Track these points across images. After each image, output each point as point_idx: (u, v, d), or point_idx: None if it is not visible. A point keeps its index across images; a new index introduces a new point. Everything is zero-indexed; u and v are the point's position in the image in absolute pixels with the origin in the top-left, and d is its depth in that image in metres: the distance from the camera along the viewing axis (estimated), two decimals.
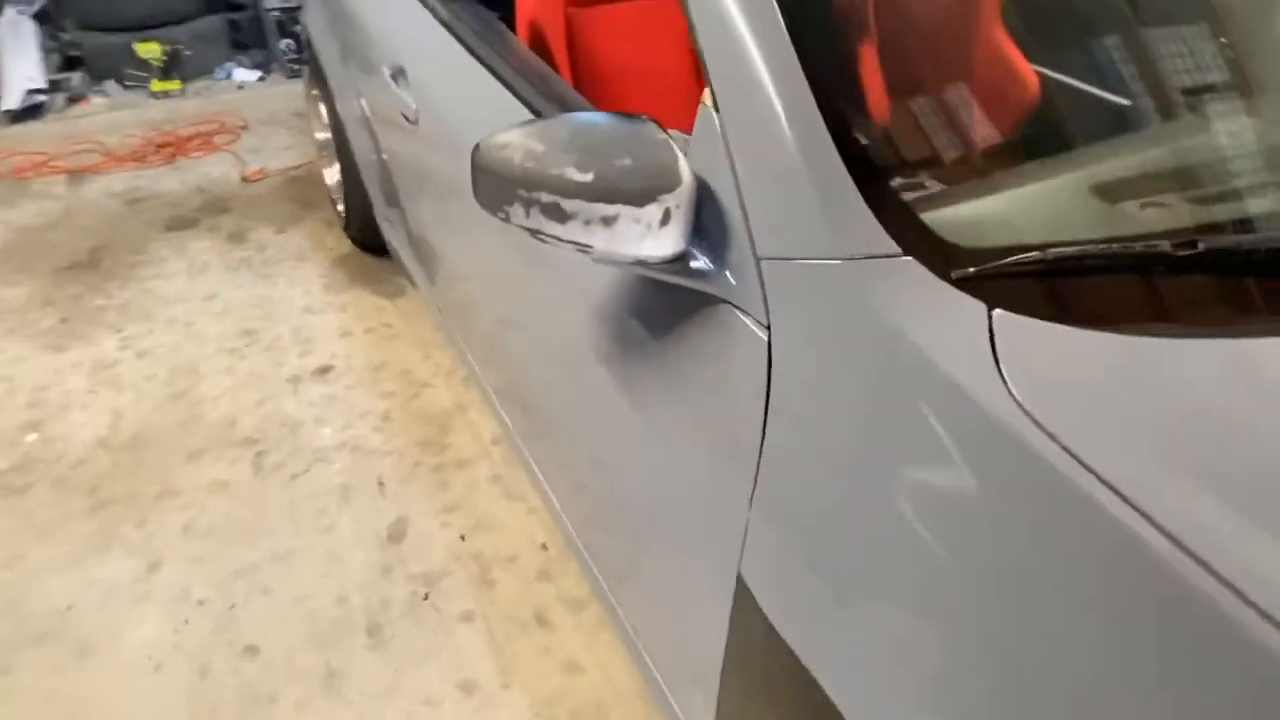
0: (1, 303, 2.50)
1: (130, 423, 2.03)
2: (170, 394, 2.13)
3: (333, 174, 2.71)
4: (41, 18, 3.65)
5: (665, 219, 0.77)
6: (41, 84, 3.49)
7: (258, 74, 3.90)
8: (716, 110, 0.84)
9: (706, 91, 0.86)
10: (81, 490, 1.84)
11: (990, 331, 0.66)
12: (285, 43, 3.75)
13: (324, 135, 2.68)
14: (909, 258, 0.71)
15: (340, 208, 2.69)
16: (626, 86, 1.67)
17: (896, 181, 0.76)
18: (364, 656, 1.50)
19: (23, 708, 1.42)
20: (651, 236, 0.78)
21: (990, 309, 0.67)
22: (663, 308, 0.90)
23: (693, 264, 0.82)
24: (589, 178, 0.77)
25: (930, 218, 0.74)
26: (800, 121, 0.77)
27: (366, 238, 2.57)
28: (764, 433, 0.75)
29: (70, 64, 3.72)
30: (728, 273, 0.81)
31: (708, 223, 0.82)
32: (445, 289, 1.83)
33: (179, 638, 1.53)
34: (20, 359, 2.26)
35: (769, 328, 0.77)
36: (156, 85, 3.67)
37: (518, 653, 1.50)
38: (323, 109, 2.51)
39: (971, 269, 0.70)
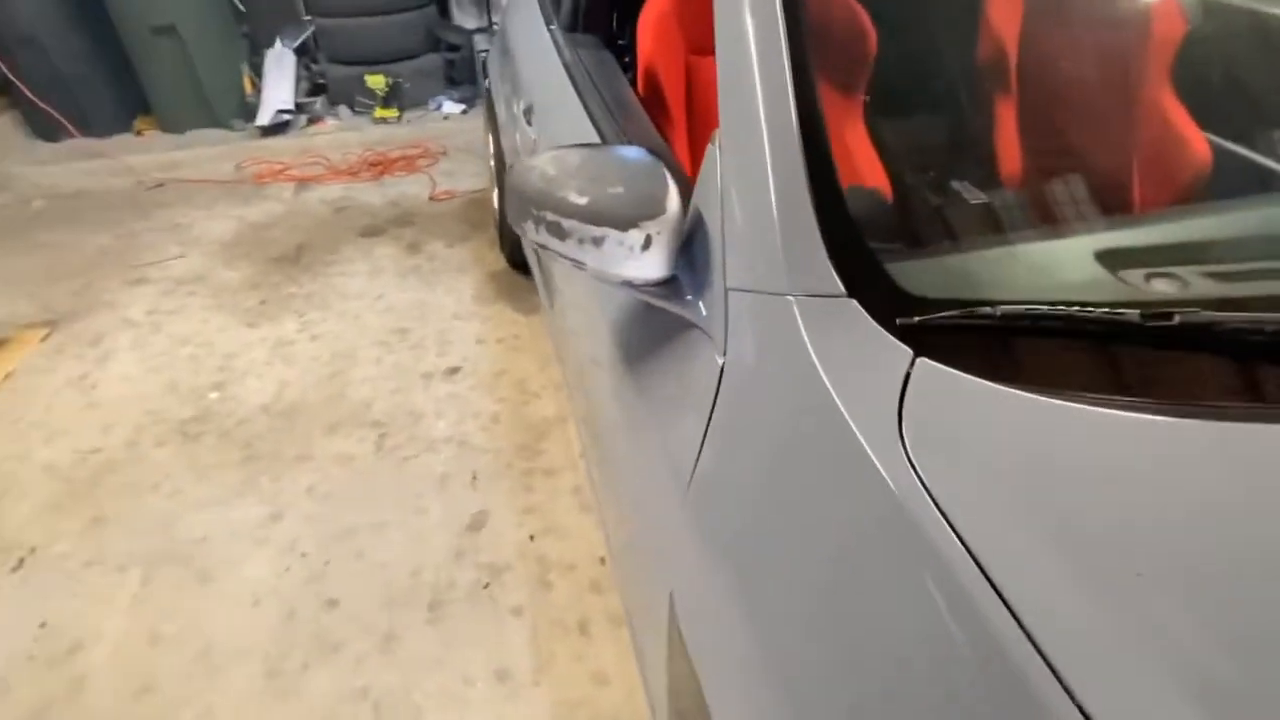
0: (221, 283, 2.97)
1: (291, 393, 2.35)
2: (328, 374, 2.44)
3: (496, 198, 2.98)
4: (301, 50, 4.31)
5: (646, 244, 0.84)
6: (290, 106, 4.11)
7: (463, 107, 4.35)
8: (720, 150, 0.90)
9: (716, 132, 0.92)
10: (239, 444, 2.16)
11: (907, 376, 0.67)
12: (489, 81, 4.17)
13: (493, 164, 2.97)
14: (851, 299, 0.73)
15: (498, 229, 2.95)
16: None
17: (861, 228, 0.78)
18: (421, 628, 1.64)
19: (151, 615, 1.69)
20: (634, 259, 0.85)
21: (915, 356, 0.68)
22: (654, 331, 0.97)
23: (678, 290, 0.88)
24: (584, 201, 0.86)
25: (885, 265, 0.75)
26: (785, 168, 0.81)
27: (517, 257, 2.80)
28: (699, 453, 0.79)
29: (316, 90, 4.35)
30: (701, 302, 0.86)
31: (696, 253, 0.88)
32: (556, 310, 1.98)
33: (279, 582, 1.75)
34: (222, 329, 2.68)
35: (725, 355, 0.81)
36: (379, 112, 4.21)
37: (555, 654, 1.57)
38: (490, 140, 2.78)
39: (911, 318, 0.71)
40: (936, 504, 0.57)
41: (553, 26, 1.86)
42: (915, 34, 1.06)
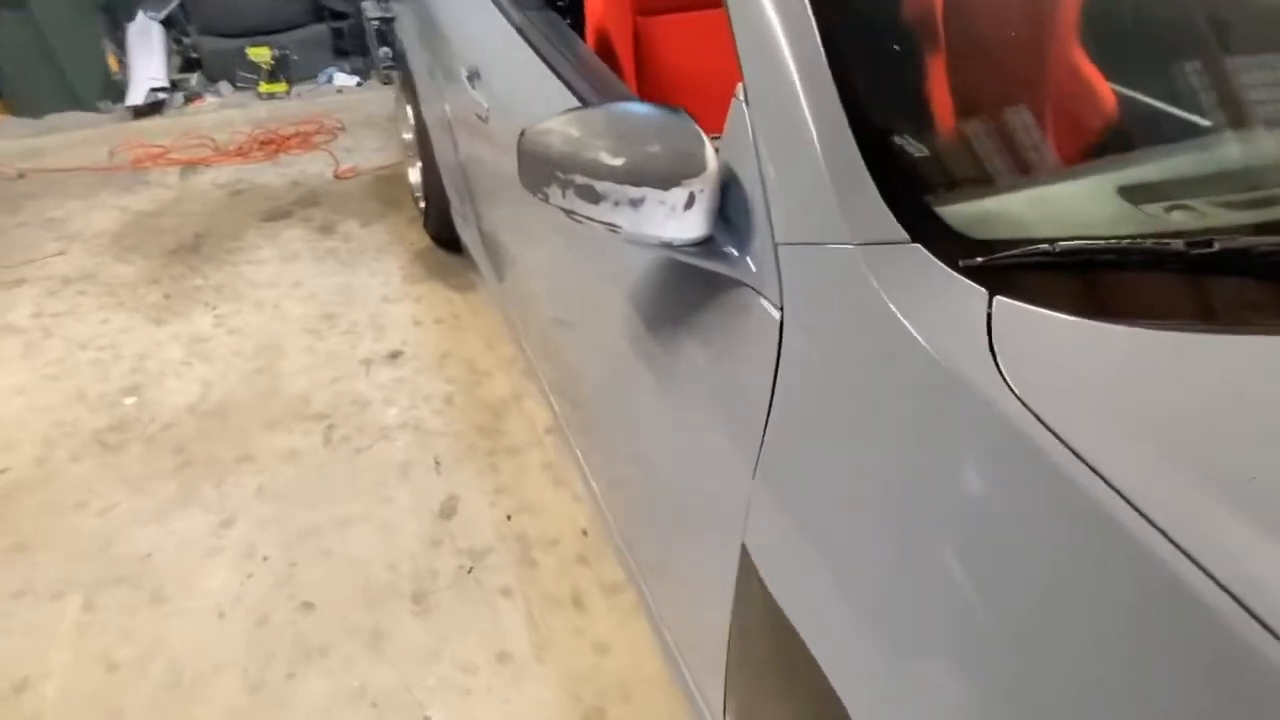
0: (115, 278, 2.73)
1: (217, 392, 2.20)
2: (254, 369, 2.29)
3: (415, 173, 2.86)
4: (168, 23, 3.96)
5: (690, 203, 0.82)
6: (164, 82, 3.78)
7: (356, 79, 4.13)
8: (747, 104, 0.88)
9: (739, 86, 0.91)
10: (169, 451, 2.00)
11: (989, 317, 0.68)
12: (384, 50, 3.97)
13: (409, 137, 2.84)
14: (916, 244, 0.74)
15: (421, 205, 2.83)
16: (690, 92, 1.72)
17: (911, 174, 0.79)
18: (409, 621, 1.58)
19: (100, 642, 1.56)
20: (675, 219, 0.83)
21: (991, 295, 0.69)
22: (687, 292, 0.95)
23: (716, 248, 0.87)
24: (619, 162, 0.83)
25: (941, 209, 0.77)
26: (824, 116, 0.81)
27: (443, 234, 2.70)
28: (770, 408, 0.79)
29: (190, 65, 4.03)
30: (748, 258, 0.85)
31: (733, 211, 0.87)
32: (510, 283, 1.92)
33: (243, 589, 1.65)
34: (126, 329, 2.46)
35: (781, 309, 0.81)
36: (264, 87, 3.94)
37: (552, 630, 1.56)
38: (409, 112, 2.66)
39: (977, 259, 0.72)
40: (1052, 431, 0.59)
41: None
42: None
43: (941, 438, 0.67)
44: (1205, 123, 0.87)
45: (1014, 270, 0.72)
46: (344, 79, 4.11)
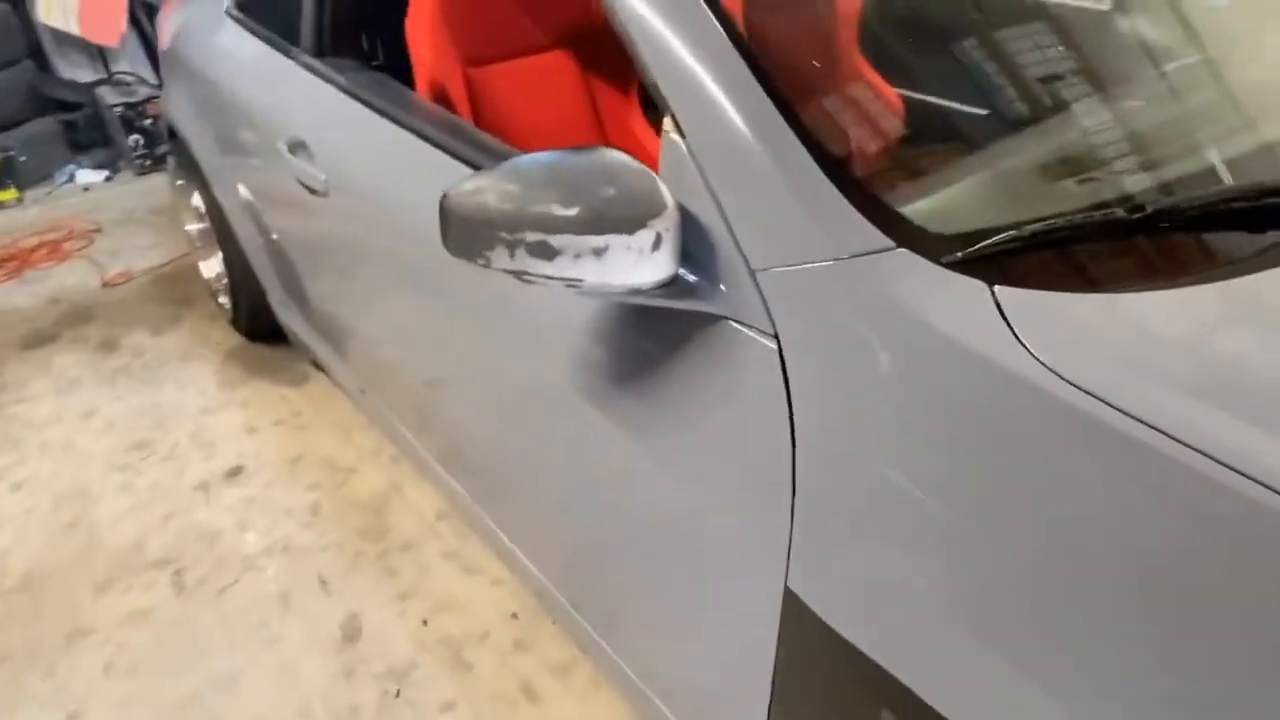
0: None
1: (19, 562, 1.81)
2: (61, 524, 1.91)
3: (212, 265, 2.56)
4: None
5: (657, 244, 0.77)
6: None
7: (104, 174, 3.65)
8: (682, 135, 0.85)
9: (667, 120, 0.87)
10: None
11: (998, 306, 0.69)
12: (133, 139, 3.54)
13: (198, 226, 2.54)
14: (903, 249, 0.74)
15: (224, 300, 2.54)
16: (529, 134, 1.68)
17: (870, 181, 0.80)
18: None
19: None
20: (645, 262, 0.77)
21: (991, 286, 0.71)
22: (652, 335, 0.89)
23: (684, 286, 0.82)
24: (574, 211, 0.76)
25: (908, 211, 0.78)
26: (770, 138, 0.80)
27: (259, 327, 2.43)
28: (793, 440, 0.75)
29: None
30: (722, 288, 0.81)
31: (690, 244, 0.82)
32: (367, 364, 1.75)
33: None
34: None
35: (776, 335, 0.78)
36: None
37: None
38: (196, 198, 2.38)
39: (959, 253, 0.74)
40: (1103, 399, 0.61)
41: (294, 53, 1.62)
42: None
43: (988, 425, 0.66)
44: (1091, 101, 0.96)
45: (997, 258, 0.74)
46: (89, 175, 3.62)
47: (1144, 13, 1.10)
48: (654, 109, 1.81)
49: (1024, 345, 0.66)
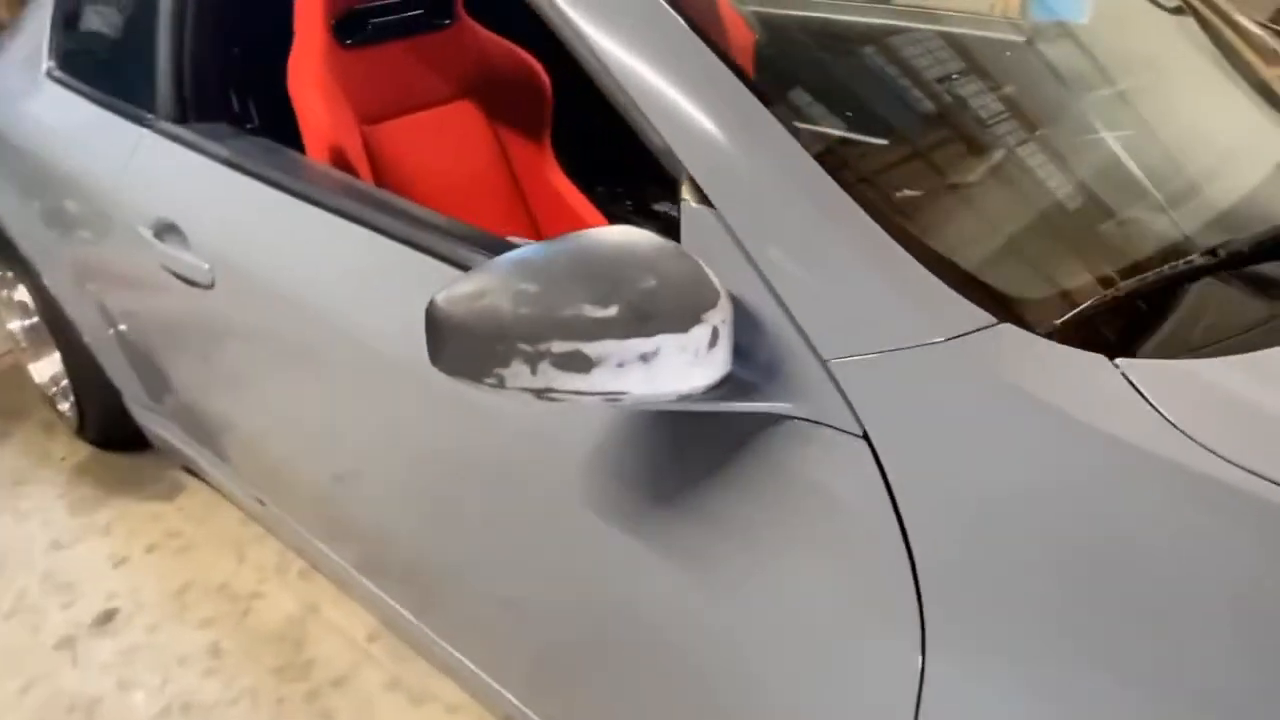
0: None
1: None
2: None
3: (45, 367, 2.18)
4: None
5: (713, 340, 0.63)
6: None
7: None
8: (711, 208, 0.72)
9: (685, 186, 0.74)
10: None
11: (1127, 380, 0.60)
12: None
13: (22, 323, 2.15)
14: (1006, 324, 0.64)
15: (66, 405, 2.16)
16: (439, 194, 1.50)
17: (952, 255, 0.69)
18: None
19: None
20: (700, 364, 0.63)
21: (1111, 358, 0.62)
22: (692, 443, 0.75)
23: (738, 384, 0.68)
24: (613, 311, 0.61)
25: (996, 282, 0.68)
26: (836, 213, 0.68)
27: (113, 434, 2.08)
28: (910, 550, 0.62)
29: None
30: (783, 383, 0.68)
31: (741, 337, 0.69)
32: (266, 470, 1.50)
33: None
34: None
35: (865, 434, 0.65)
36: None
37: None
38: (21, 292, 2.00)
39: (1057, 321, 0.65)
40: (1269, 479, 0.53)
41: (148, 120, 1.37)
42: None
43: (1138, 507, 0.57)
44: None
45: (1098, 322, 0.65)
46: None
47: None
48: (569, 158, 1.68)
49: (1168, 420, 0.57)
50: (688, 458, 0.76)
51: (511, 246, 0.72)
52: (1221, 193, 0.86)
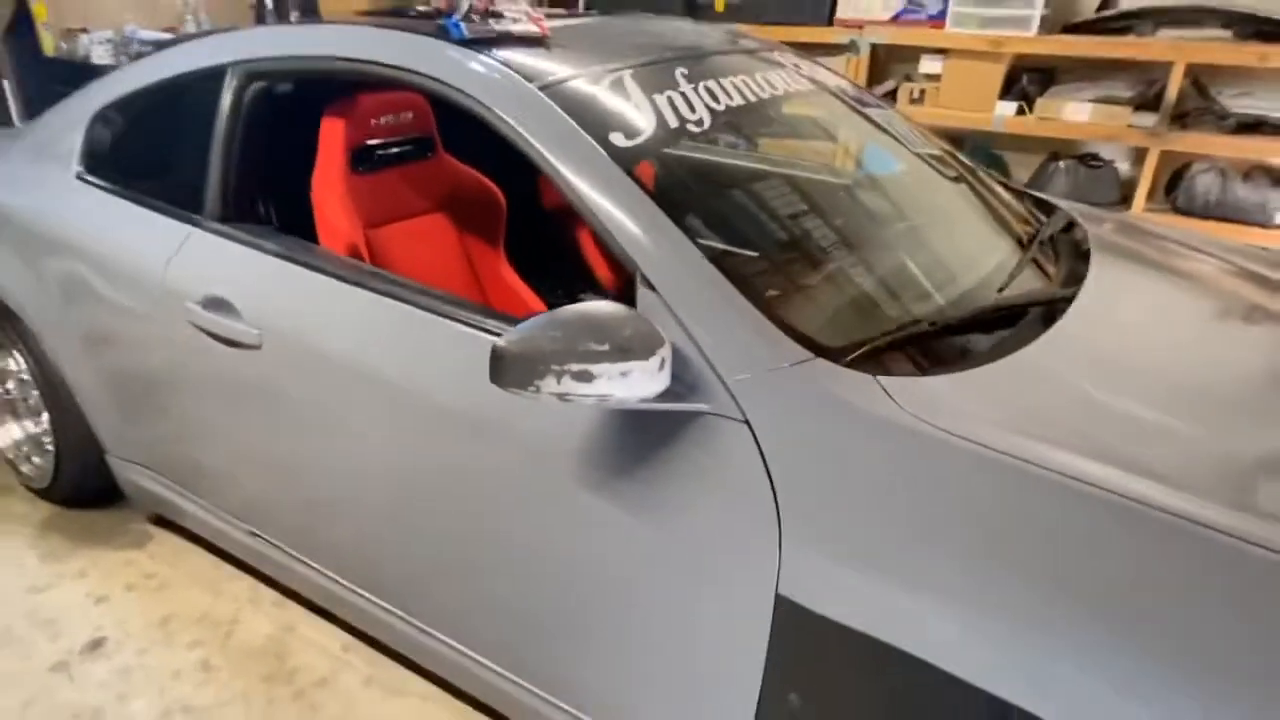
0: None
1: None
2: None
3: (9, 431, 2.37)
4: None
5: (661, 365, 1.10)
6: None
7: None
8: (653, 290, 1.20)
9: (638, 276, 1.22)
10: None
11: (882, 387, 1.12)
12: None
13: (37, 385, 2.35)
14: (820, 358, 1.15)
15: (28, 468, 2.36)
16: (416, 279, 1.92)
17: (792, 319, 1.21)
18: None
19: None
20: (654, 379, 1.10)
21: (875, 376, 1.13)
22: (642, 431, 1.20)
23: (674, 392, 1.15)
24: (606, 347, 1.07)
25: (809, 330, 1.20)
26: (722, 295, 1.19)
27: (84, 492, 2.30)
28: (774, 491, 1.09)
29: None
30: (701, 391, 1.16)
31: (676, 364, 1.16)
32: (269, 506, 1.81)
33: None
34: None
35: (746, 421, 1.13)
36: None
37: None
38: (18, 360, 2.23)
39: (849, 356, 1.16)
40: (951, 432, 1.04)
41: (194, 219, 1.74)
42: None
43: (886, 449, 1.07)
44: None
45: (874, 355, 1.18)
46: None
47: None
48: (519, 259, 2.15)
49: (900, 406, 1.09)
50: (641, 442, 1.21)
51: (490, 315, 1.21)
52: (957, 282, 1.44)
